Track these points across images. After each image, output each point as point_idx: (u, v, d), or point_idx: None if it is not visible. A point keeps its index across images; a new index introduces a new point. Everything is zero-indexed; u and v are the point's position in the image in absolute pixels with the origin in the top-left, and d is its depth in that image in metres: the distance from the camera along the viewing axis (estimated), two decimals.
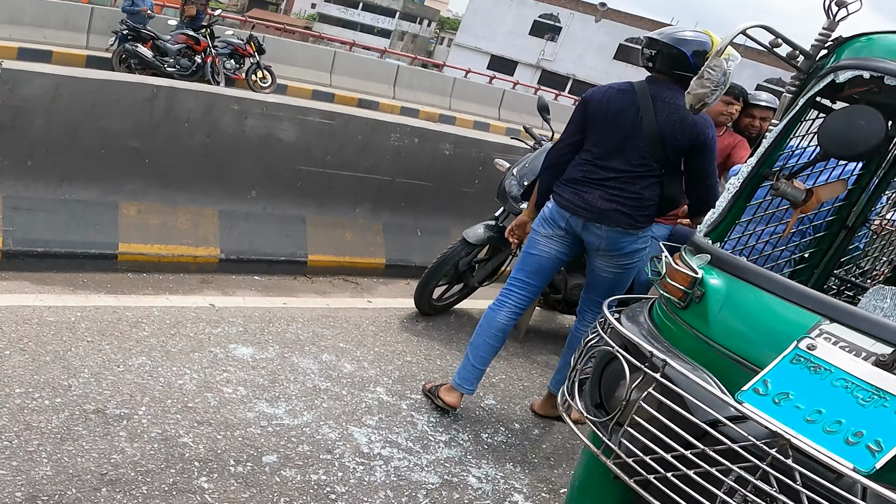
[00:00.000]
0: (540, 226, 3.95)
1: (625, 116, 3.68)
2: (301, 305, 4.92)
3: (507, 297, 4.05)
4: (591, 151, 3.80)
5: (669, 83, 3.69)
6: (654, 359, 2.12)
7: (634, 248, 3.85)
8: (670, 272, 2.36)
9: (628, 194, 3.71)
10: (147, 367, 3.66)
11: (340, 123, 5.39)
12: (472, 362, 4.06)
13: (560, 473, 3.93)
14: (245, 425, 3.46)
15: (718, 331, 2.20)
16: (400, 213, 6.04)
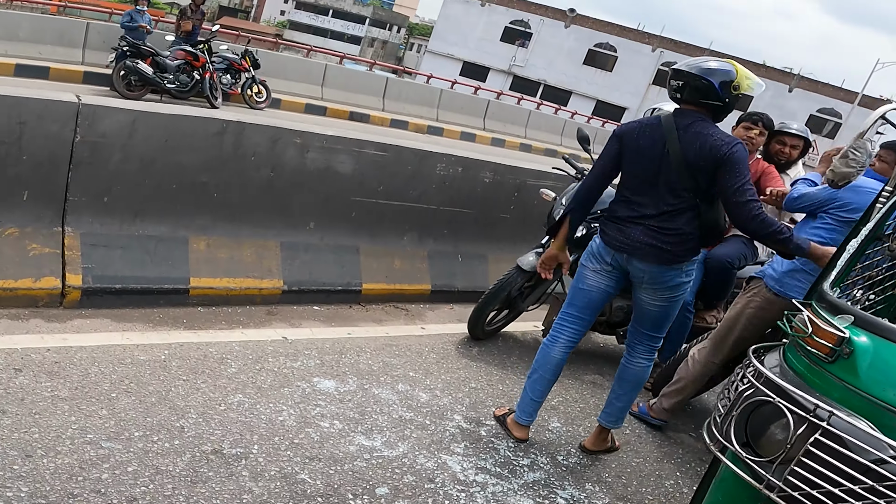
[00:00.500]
0: (588, 261, 4.04)
1: (653, 152, 3.73)
2: (364, 335, 4.99)
3: (560, 332, 4.15)
4: (628, 188, 3.88)
5: (696, 113, 3.73)
6: (820, 410, 2.32)
7: (679, 281, 3.91)
8: (817, 331, 2.51)
9: (668, 231, 3.76)
10: (246, 405, 3.70)
11: (393, 155, 5.46)
12: (530, 396, 4.18)
13: (633, 491, 4.08)
14: (351, 459, 3.53)
15: (870, 384, 2.37)
16: (442, 241, 6.12)
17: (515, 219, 6.60)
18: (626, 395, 4.24)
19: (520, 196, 6.54)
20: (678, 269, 3.85)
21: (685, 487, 4.27)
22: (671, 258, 3.80)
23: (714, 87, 3.65)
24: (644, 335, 4.16)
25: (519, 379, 5.00)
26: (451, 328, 5.59)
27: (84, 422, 3.23)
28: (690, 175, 3.67)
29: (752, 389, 2.54)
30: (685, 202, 3.74)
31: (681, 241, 3.78)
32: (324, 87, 18.37)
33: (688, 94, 3.71)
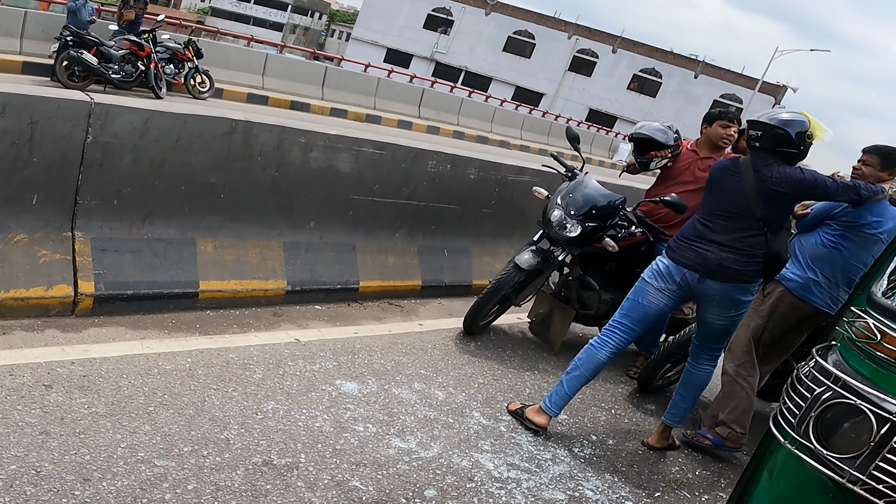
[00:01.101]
0: (653, 279, 4.16)
1: (731, 186, 3.98)
2: (369, 334, 4.91)
3: (610, 338, 4.22)
4: (703, 213, 4.10)
5: (770, 158, 3.94)
6: None
7: (744, 300, 4.09)
8: (887, 338, 2.60)
9: (740, 250, 3.95)
10: (281, 412, 3.59)
11: (389, 153, 5.36)
12: (566, 389, 4.22)
13: (647, 478, 4.16)
14: (393, 462, 3.47)
15: None
16: (431, 236, 6.05)
17: (496, 213, 6.57)
18: (690, 397, 4.40)
19: (500, 191, 6.51)
20: (745, 288, 4.03)
21: (689, 473, 4.36)
22: (740, 277, 3.98)
23: (791, 136, 3.86)
24: (709, 347, 4.33)
25: (518, 372, 5.02)
26: (446, 323, 5.54)
27: (131, 439, 3.06)
28: (763, 206, 3.90)
29: (831, 392, 2.60)
30: (755, 230, 3.95)
31: (749, 261, 3.97)
32: (265, 76, 17.94)
33: (765, 143, 3.91)
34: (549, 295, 5.69)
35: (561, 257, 5.38)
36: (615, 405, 4.97)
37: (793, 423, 2.70)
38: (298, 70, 19.32)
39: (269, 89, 17.67)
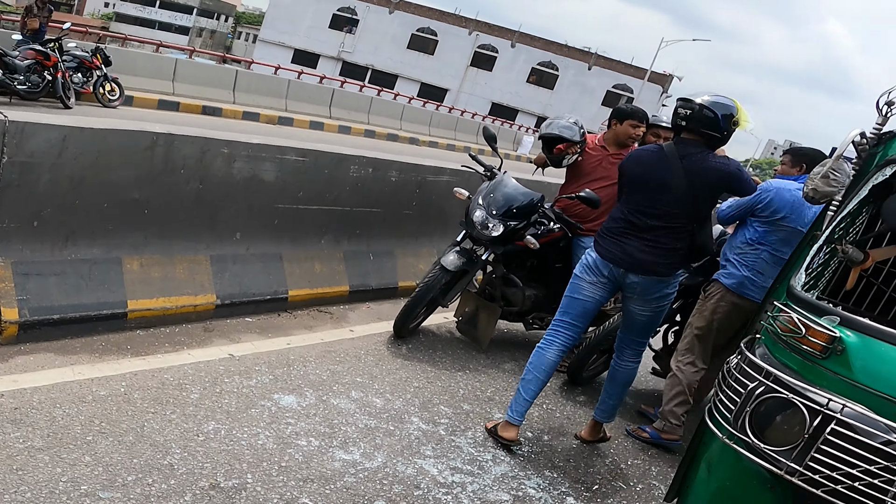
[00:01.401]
0: (584, 272, 4.16)
1: (654, 176, 3.96)
2: (302, 344, 4.84)
3: (555, 337, 4.22)
4: (627, 206, 4.09)
5: (696, 142, 3.96)
6: (832, 403, 2.51)
7: (667, 291, 4.14)
8: (810, 332, 2.68)
9: (662, 246, 3.98)
10: (222, 432, 3.50)
11: (311, 160, 5.27)
12: (524, 397, 4.20)
13: (583, 472, 4.24)
14: (340, 476, 3.44)
15: (863, 376, 2.57)
16: (356, 241, 6.00)
17: (418, 215, 6.56)
18: (617, 394, 4.42)
19: (421, 192, 6.50)
20: (667, 280, 4.08)
21: (623, 464, 4.46)
22: (664, 270, 4.02)
23: (718, 119, 3.88)
24: (632, 341, 4.34)
25: (451, 372, 5.03)
26: (376, 328, 5.50)
27: (72, 472, 2.92)
28: (692, 199, 3.91)
29: (763, 387, 2.68)
30: (679, 224, 3.96)
31: (673, 254, 4.01)
32: (175, 81, 17.42)
33: (692, 123, 3.92)
34: (475, 294, 5.72)
35: (484, 256, 5.42)
36: (546, 400, 5.03)
37: (728, 417, 2.76)
38: (209, 74, 18.86)
39: (180, 95, 17.17)
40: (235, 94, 18.97)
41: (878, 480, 2.38)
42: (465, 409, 4.53)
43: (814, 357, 2.67)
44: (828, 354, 2.63)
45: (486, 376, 5.16)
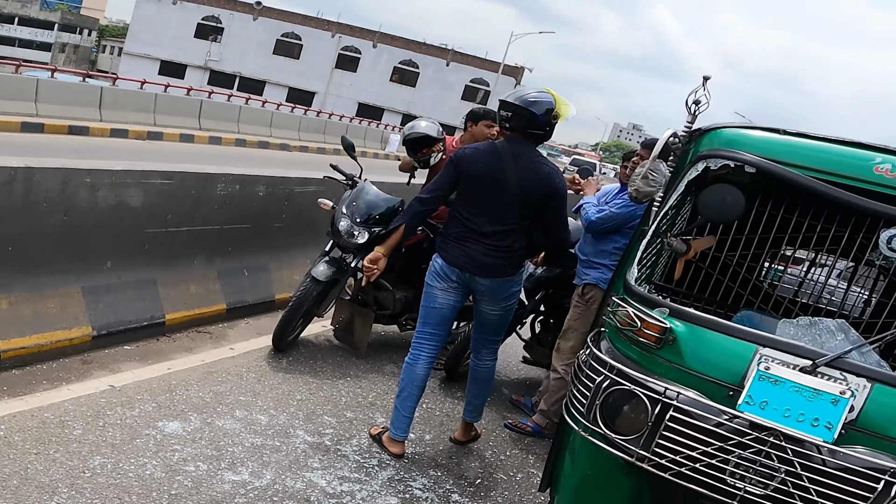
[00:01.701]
0: (434, 280, 4.18)
1: (490, 177, 3.98)
2: (183, 367, 4.80)
3: (420, 350, 4.26)
4: (466, 209, 4.08)
5: (524, 141, 4.02)
6: (669, 392, 2.70)
7: (513, 290, 4.23)
8: (645, 325, 2.87)
9: (504, 248, 4.05)
10: (109, 466, 3.48)
11: (178, 181, 5.22)
12: (402, 413, 4.25)
13: (467, 467, 4.43)
14: (231, 497, 3.48)
15: (694, 362, 2.78)
16: (229, 258, 5.98)
17: (288, 227, 6.58)
18: (481, 393, 4.50)
19: (289, 205, 6.54)
20: (512, 280, 4.17)
21: (502, 455, 4.69)
22: (508, 271, 4.11)
23: (537, 116, 3.95)
24: (487, 340, 4.41)
25: (332, 381, 5.13)
26: (256, 343, 5.51)
27: None
28: (525, 201, 3.98)
29: (609, 380, 2.84)
30: (516, 224, 4.04)
31: (514, 255, 4.10)
32: (38, 102, 16.46)
33: (515, 124, 3.98)
34: (348, 301, 5.82)
35: (353, 263, 5.55)
36: (426, 399, 5.15)
37: (581, 410, 2.92)
38: (73, 93, 17.95)
39: (44, 116, 16.24)
40: (102, 111, 18.16)
41: (716, 461, 2.59)
42: (348, 416, 4.63)
43: (650, 348, 2.85)
44: (661, 345, 2.81)
45: (367, 381, 5.28)
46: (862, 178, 2.86)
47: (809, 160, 2.96)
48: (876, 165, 2.85)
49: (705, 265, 3.71)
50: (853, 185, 2.86)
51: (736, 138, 3.13)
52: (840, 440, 2.47)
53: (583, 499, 3.19)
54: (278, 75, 54.17)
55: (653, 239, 3.22)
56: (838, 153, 2.95)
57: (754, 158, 2.98)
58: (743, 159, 3.00)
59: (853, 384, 2.51)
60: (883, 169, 2.83)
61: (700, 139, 3.25)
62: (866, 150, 2.91)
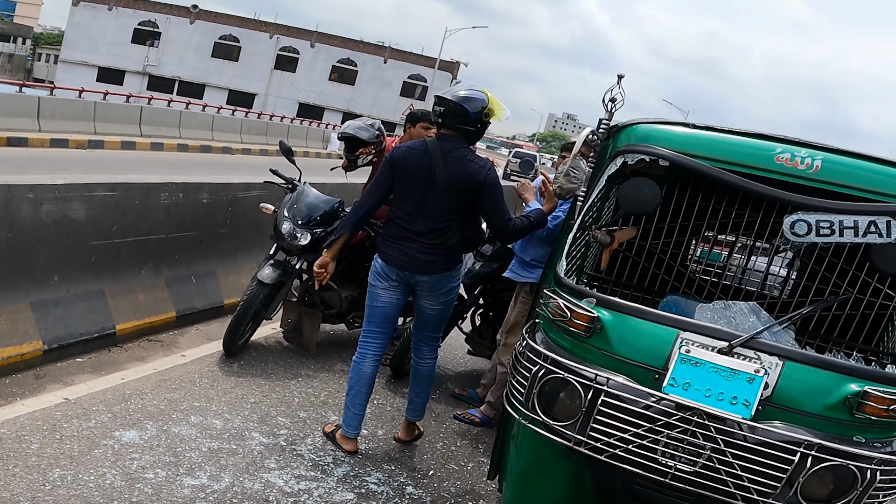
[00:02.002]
0: (375, 280, 4.24)
1: (422, 175, 4.03)
2: (136, 377, 4.81)
3: (367, 349, 4.32)
4: (400, 208, 4.14)
5: (456, 137, 4.07)
6: (599, 377, 2.85)
7: (452, 286, 4.28)
8: (574, 314, 2.99)
9: (440, 246, 4.11)
10: (69, 478, 3.50)
11: (121, 193, 5.21)
12: (353, 411, 4.32)
13: (419, 460, 4.55)
14: (191, 502, 3.54)
15: (621, 348, 2.92)
16: (176, 266, 5.98)
17: (233, 232, 6.61)
18: (423, 391, 4.53)
19: (233, 210, 6.56)
20: (450, 275, 4.22)
21: (452, 446, 4.81)
22: (445, 267, 4.16)
23: (468, 113, 4.01)
24: (427, 337, 4.44)
25: (284, 382, 5.19)
26: (207, 349, 5.54)
27: None
28: (456, 196, 4.04)
29: (543, 369, 2.96)
30: (450, 221, 4.10)
31: (450, 251, 4.16)
32: None
33: (449, 120, 4.04)
34: (295, 302, 5.88)
35: (298, 265, 5.62)
36: (377, 395, 5.25)
37: (521, 399, 3.04)
38: (9, 104, 17.32)
39: None
40: (40, 121, 17.66)
41: (647, 441, 2.75)
42: (301, 416, 4.71)
43: (580, 337, 2.98)
44: (591, 333, 2.95)
45: (318, 381, 5.36)
46: (765, 168, 3.06)
47: (718, 152, 3.15)
48: (777, 155, 3.06)
49: (632, 254, 3.88)
50: (758, 174, 3.05)
51: (651, 133, 3.30)
52: (758, 416, 2.66)
53: (527, 484, 3.33)
54: (218, 78, 53.50)
55: (579, 232, 3.36)
56: (743, 145, 3.15)
57: (667, 152, 3.15)
58: (657, 153, 3.17)
59: (766, 363, 2.70)
60: (783, 158, 3.04)
61: (617, 135, 3.40)
62: (768, 141, 3.11)
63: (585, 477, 3.08)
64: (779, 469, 2.61)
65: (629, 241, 3.78)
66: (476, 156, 4.13)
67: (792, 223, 2.96)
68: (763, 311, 3.11)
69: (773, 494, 2.62)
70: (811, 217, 2.94)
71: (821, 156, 3.03)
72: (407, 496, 4.04)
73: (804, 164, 3.04)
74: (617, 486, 2.98)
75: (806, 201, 2.96)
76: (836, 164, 3.03)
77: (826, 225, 2.93)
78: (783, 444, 2.61)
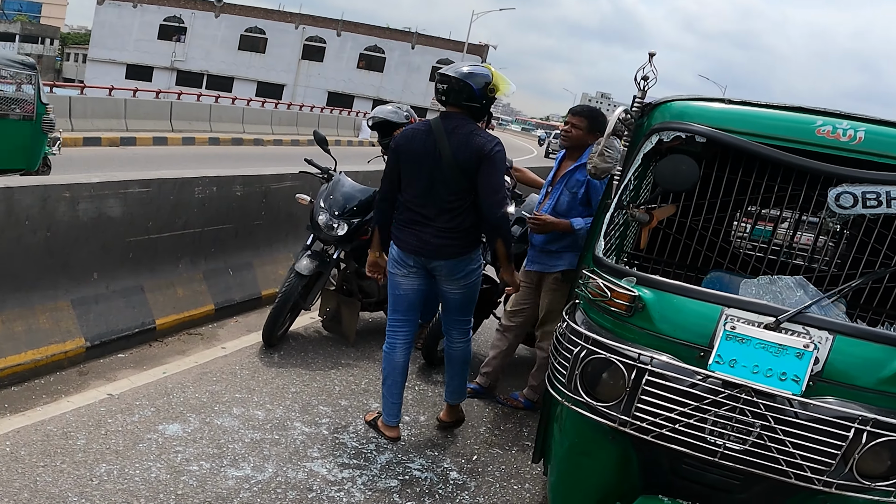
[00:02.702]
0: (394, 268, 4.17)
1: (427, 156, 3.92)
2: (178, 370, 4.85)
3: (395, 338, 4.27)
4: (411, 193, 4.02)
5: (459, 115, 3.94)
6: (642, 357, 2.78)
7: (471, 268, 4.15)
8: (615, 294, 2.94)
9: (454, 230, 3.98)
10: (115, 472, 3.53)
11: (155, 188, 5.24)
12: (391, 400, 4.31)
13: (463, 445, 4.51)
14: (235, 493, 3.55)
15: (664, 327, 2.86)
16: (213, 259, 6.01)
17: (268, 223, 6.63)
18: (459, 374, 4.46)
19: (267, 201, 6.58)
20: (469, 258, 4.10)
21: (496, 430, 4.77)
22: (462, 251, 4.05)
23: (473, 89, 3.89)
24: (455, 321, 4.36)
25: (325, 371, 5.19)
26: (247, 341, 5.57)
27: None
28: (462, 175, 3.89)
29: (585, 350, 2.91)
30: (461, 202, 3.96)
31: (465, 234, 4.03)
32: None
33: (452, 97, 3.92)
34: (333, 292, 5.89)
35: (335, 255, 5.61)
36: (418, 381, 5.27)
37: (563, 381, 2.99)
38: None
39: None
40: (72, 121, 17.94)
41: (694, 420, 2.68)
42: (343, 405, 4.71)
43: (622, 316, 2.92)
44: (632, 312, 2.89)
45: (359, 369, 5.36)
46: (805, 141, 2.97)
47: (756, 126, 3.06)
48: (818, 128, 2.96)
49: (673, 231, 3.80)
50: (798, 147, 2.96)
51: (685, 110, 3.22)
52: (808, 392, 2.58)
53: (573, 466, 3.28)
54: (246, 70, 53.83)
55: (616, 212, 3.30)
56: (782, 118, 3.07)
57: (704, 128, 3.07)
58: (693, 130, 3.09)
59: (816, 337, 2.61)
60: (824, 131, 2.95)
61: (652, 113, 3.34)
62: (808, 114, 3.02)
63: (632, 457, 3.02)
64: (833, 445, 2.53)
65: (669, 218, 3.70)
66: (483, 132, 3.96)
67: (837, 195, 2.87)
68: (810, 285, 3.02)
69: (827, 472, 2.54)
70: (857, 189, 2.85)
71: (864, 127, 2.94)
72: (451, 481, 4.02)
73: (846, 135, 2.95)
74: (664, 466, 2.92)
75: (851, 173, 2.86)
76: (880, 135, 2.94)
77: (872, 196, 2.84)
78: (837, 419, 2.53)
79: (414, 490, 3.85)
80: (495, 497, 3.95)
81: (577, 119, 4.62)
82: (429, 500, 3.78)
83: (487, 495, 3.95)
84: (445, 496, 3.86)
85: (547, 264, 4.78)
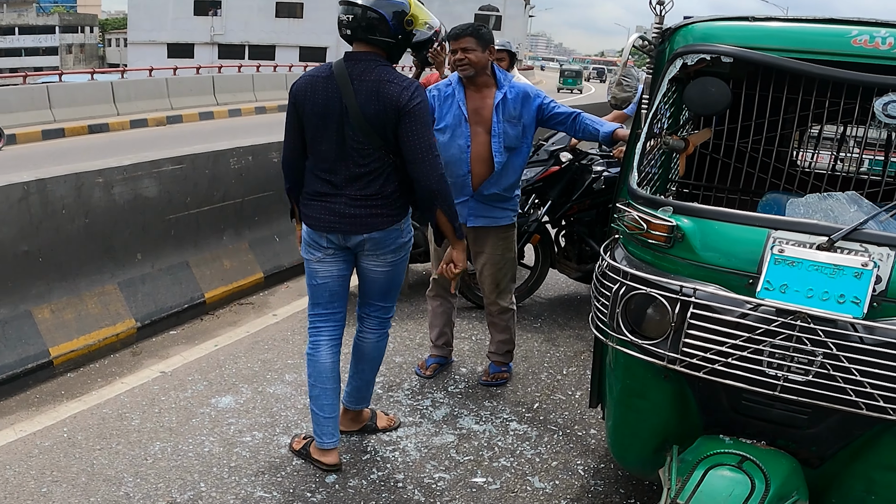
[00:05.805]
0: (307, 252, 3.36)
1: (332, 110, 3.11)
2: (229, 342, 4.85)
3: (318, 335, 3.45)
4: (315, 156, 3.22)
5: (367, 54, 3.13)
6: (685, 289, 2.60)
7: (402, 241, 3.36)
8: (651, 226, 2.76)
9: (372, 196, 3.19)
10: (169, 450, 3.53)
11: (189, 164, 5.21)
12: (322, 415, 3.41)
13: (523, 394, 4.35)
14: (289, 460, 3.52)
15: (707, 255, 2.68)
16: (257, 227, 5.99)
17: None
18: (364, 372, 3.67)
19: None
20: (397, 229, 3.30)
21: (559, 374, 4.61)
22: (386, 221, 3.24)
23: (387, 20, 3.07)
24: (374, 307, 3.55)
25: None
26: (298, 305, 5.53)
27: None
28: (375, 130, 3.10)
29: (625, 287, 2.74)
30: (378, 164, 3.16)
31: (388, 202, 3.23)
32: (52, 108, 16.63)
33: (360, 33, 3.10)
34: None
35: None
36: (475, 332, 5.11)
37: (605, 321, 2.84)
38: (84, 93, 18.05)
39: (62, 120, 16.46)
40: (117, 105, 18.26)
41: (748, 352, 2.49)
42: (397, 361, 4.63)
43: (662, 248, 2.75)
44: (672, 243, 2.71)
45: (412, 322, 5.27)
46: (841, 52, 2.74)
47: (786, 42, 2.85)
48: (853, 38, 2.71)
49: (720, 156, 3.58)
50: (835, 59, 2.72)
51: (709, 31, 3.02)
52: (872, 314, 2.36)
53: (628, 409, 3.14)
54: (287, 37, 53.68)
55: (648, 140, 3.11)
56: (814, 32, 2.83)
57: (729, 48, 2.86)
58: (718, 50, 2.88)
59: (876, 254, 2.39)
60: (861, 40, 2.70)
61: (672, 37, 3.15)
62: (841, 25, 2.78)
63: (688, 396, 2.86)
64: None
65: (717, 142, 3.48)
66: (397, 75, 3.13)
67: (884, 105, 2.62)
68: (864, 199, 2.78)
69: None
70: None
71: None
72: (511, 432, 3.91)
73: (886, 43, 2.69)
74: (724, 403, 2.76)
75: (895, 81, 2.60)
76: None
77: None
78: None
79: (472, 444, 3.75)
80: (558, 446, 3.83)
81: (467, 41, 3.84)
82: (488, 454, 3.68)
83: (549, 444, 3.83)
84: (505, 448, 3.75)
85: (495, 217, 4.17)
